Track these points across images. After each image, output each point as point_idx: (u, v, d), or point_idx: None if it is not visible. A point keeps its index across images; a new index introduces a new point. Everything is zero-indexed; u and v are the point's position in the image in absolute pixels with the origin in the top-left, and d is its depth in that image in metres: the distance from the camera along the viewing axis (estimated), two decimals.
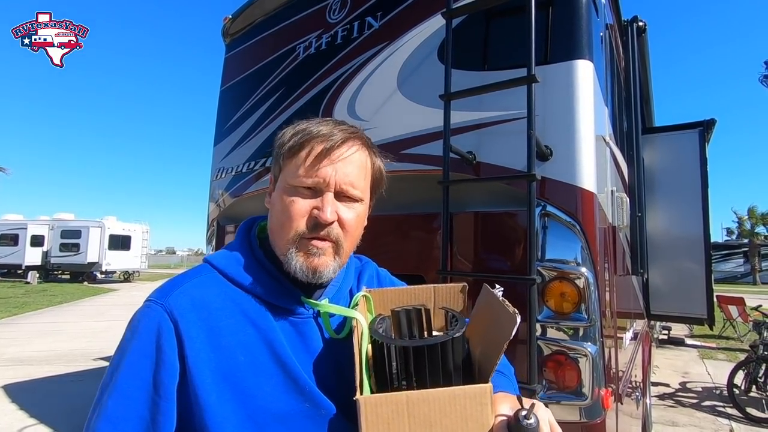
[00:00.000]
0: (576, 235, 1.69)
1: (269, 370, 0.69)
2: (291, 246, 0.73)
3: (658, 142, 4.25)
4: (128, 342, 0.67)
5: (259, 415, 0.66)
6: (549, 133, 1.75)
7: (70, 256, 20.91)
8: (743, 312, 9.07)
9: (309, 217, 0.72)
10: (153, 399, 0.63)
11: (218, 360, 0.66)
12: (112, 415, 0.63)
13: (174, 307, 0.67)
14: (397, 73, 2.24)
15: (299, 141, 0.74)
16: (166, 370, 0.64)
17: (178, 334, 0.65)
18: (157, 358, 0.64)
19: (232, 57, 3.47)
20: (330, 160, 0.73)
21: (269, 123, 2.86)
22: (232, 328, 0.69)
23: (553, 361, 1.67)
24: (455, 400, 0.63)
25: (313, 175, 0.72)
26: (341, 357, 0.75)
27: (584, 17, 1.84)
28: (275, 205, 0.77)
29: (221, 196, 3.26)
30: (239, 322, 0.70)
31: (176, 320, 0.66)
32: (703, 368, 7.09)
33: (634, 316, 3.10)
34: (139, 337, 0.66)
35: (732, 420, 4.78)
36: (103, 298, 15.44)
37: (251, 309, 0.72)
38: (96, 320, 10.49)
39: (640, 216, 3.20)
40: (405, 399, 0.61)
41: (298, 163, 0.74)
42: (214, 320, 0.68)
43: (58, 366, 6.20)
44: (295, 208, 0.73)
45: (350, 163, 0.75)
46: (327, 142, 0.73)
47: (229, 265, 0.75)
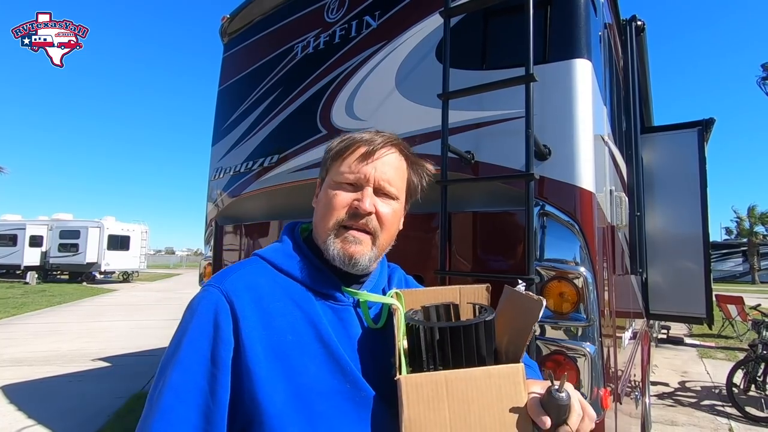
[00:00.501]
0: (575, 234, 1.69)
1: (314, 350, 0.75)
2: (331, 233, 0.81)
3: (657, 142, 4.25)
4: (188, 321, 0.73)
5: (305, 392, 0.72)
6: (547, 133, 1.75)
7: (69, 257, 20.88)
8: (742, 311, 9.08)
9: (349, 207, 0.81)
10: (211, 372, 0.69)
11: (269, 338, 0.72)
12: (175, 386, 0.69)
13: (230, 289, 0.74)
14: (396, 72, 2.23)
15: (345, 145, 0.85)
16: (223, 345, 0.70)
17: (234, 313, 0.72)
18: (214, 335, 0.71)
19: (230, 56, 3.46)
20: (371, 159, 0.82)
21: (268, 122, 2.86)
22: (281, 310, 0.76)
23: (551, 361, 1.66)
24: (491, 380, 0.66)
25: (355, 171, 0.82)
26: (376, 345, 0.81)
27: (583, 16, 1.83)
28: (320, 201, 0.87)
29: (219, 196, 3.26)
30: (287, 305, 0.77)
31: (232, 301, 0.73)
32: (702, 367, 7.09)
33: (633, 315, 3.10)
34: (199, 316, 0.72)
35: (731, 419, 4.78)
36: (102, 299, 15.42)
37: (297, 294, 0.79)
38: (95, 320, 10.47)
39: (639, 215, 3.20)
40: (444, 378, 0.65)
41: (343, 163, 0.84)
42: (265, 303, 0.75)
43: (56, 366, 6.19)
44: (337, 199, 0.82)
45: (388, 164, 0.85)
46: (369, 146, 0.83)
47: (276, 257, 0.83)
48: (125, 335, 8.62)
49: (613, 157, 2.38)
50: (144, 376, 5.79)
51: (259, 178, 2.83)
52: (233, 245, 3.19)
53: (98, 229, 21.09)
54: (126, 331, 9.16)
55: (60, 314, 11.40)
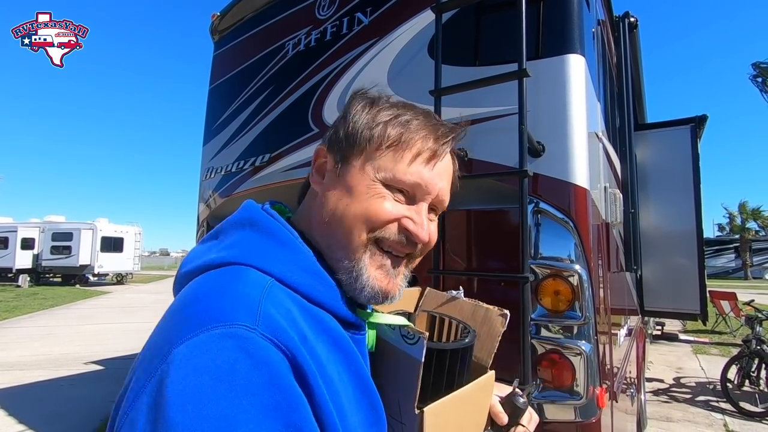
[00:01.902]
0: (569, 232, 1.67)
1: (359, 402, 0.57)
2: (362, 251, 0.60)
3: (650, 139, 4.25)
4: (232, 395, 0.42)
5: None
6: (541, 129, 1.73)
7: (61, 259, 20.68)
8: (735, 307, 9.15)
9: (400, 225, 0.61)
10: None
11: (329, 394, 0.51)
12: None
13: (277, 333, 0.48)
14: (387, 69, 2.21)
15: (407, 135, 0.62)
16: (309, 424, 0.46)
17: (298, 370, 0.48)
18: (291, 410, 0.45)
19: (220, 55, 3.41)
20: (436, 164, 0.63)
21: (259, 121, 2.82)
22: (326, 354, 0.54)
23: (547, 360, 1.65)
24: (479, 392, 0.73)
25: (417, 177, 0.61)
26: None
27: (576, 11, 1.81)
28: (342, 192, 0.61)
29: (211, 197, 3.21)
30: (328, 345, 0.55)
31: (289, 351, 0.48)
32: (697, 363, 7.13)
33: (628, 312, 3.09)
34: (253, 385, 0.43)
35: (725, 414, 4.81)
36: (96, 301, 15.28)
37: (332, 328, 0.58)
38: (88, 323, 10.37)
39: (633, 212, 3.19)
40: (456, 400, 0.68)
41: (401, 158, 0.61)
42: (310, 345, 0.52)
43: (48, 370, 6.11)
44: (386, 208, 0.60)
45: (447, 172, 0.67)
46: (438, 143, 0.63)
47: (296, 276, 0.57)
48: (118, 338, 8.54)
49: (607, 154, 2.37)
50: None
51: (251, 178, 2.79)
52: None
53: (91, 230, 20.91)
54: (119, 333, 9.07)
55: (52, 317, 11.28)
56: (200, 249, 0.63)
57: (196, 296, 0.52)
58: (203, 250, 0.61)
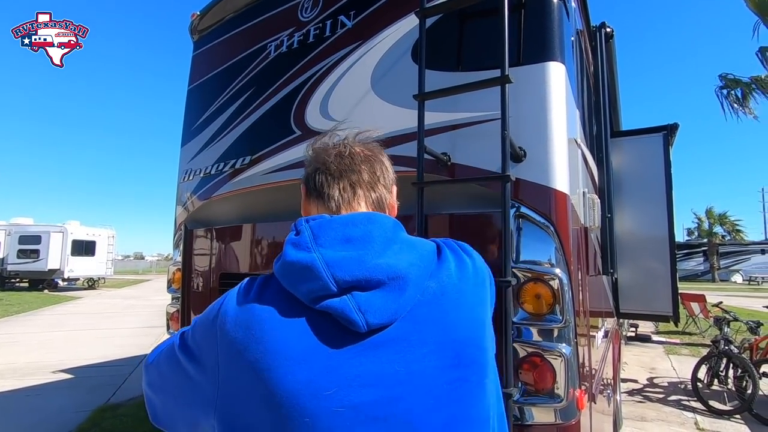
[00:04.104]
0: (550, 236, 1.69)
1: None
2: None
3: (624, 146, 4.37)
4: None
5: None
6: (522, 135, 1.75)
7: (28, 263, 19.86)
8: (704, 309, 9.48)
9: None
10: None
11: None
12: None
13: None
14: (371, 73, 2.20)
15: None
16: None
17: None
18: None
19: (200, 55, 3.35)
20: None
21: (239, 123, 2.77)
22: None
23: (528, 363, 1.66)
24: None
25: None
26: None
27: (556, 20, 1.85)
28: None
29: (189, 199, 3.14)
30: None
31: None
32: (669, 363, 7.35)
33: (605, 315, 3.16)
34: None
35: (696, 413, 4.96)
36: (65, 307, 14.71)
37: None
38: (56, 330, 9.96)
39: (610, 217, 3.27)
40: None
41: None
42: None
43: (11, 380, 5.83)
44: None
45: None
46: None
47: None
48: (89, 345, 8.23)
49: (586, 160, 2.42)
50: (109, 387, 5.52)
51: (231, 180, 2.74)
52: (204, 250, 3.08)
53: (61, 234, 20.17)
54: (90, 340, 8.74)
55: (18, 324, 10.79)
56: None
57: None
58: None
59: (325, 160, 0.78)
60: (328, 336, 0.63)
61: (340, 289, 0.63)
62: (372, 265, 0.65)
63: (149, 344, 8.27)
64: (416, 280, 0.67)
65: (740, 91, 8.49)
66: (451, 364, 0.66)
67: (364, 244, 0.67)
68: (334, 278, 0.63)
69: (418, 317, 0.66)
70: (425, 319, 0.66)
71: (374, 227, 0.69)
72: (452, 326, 0.68)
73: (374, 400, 0.61)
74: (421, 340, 0.65)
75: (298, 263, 0.66)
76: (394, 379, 0.62)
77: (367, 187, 0.79)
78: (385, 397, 0.61)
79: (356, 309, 0.62)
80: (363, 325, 0.62)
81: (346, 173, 0.77)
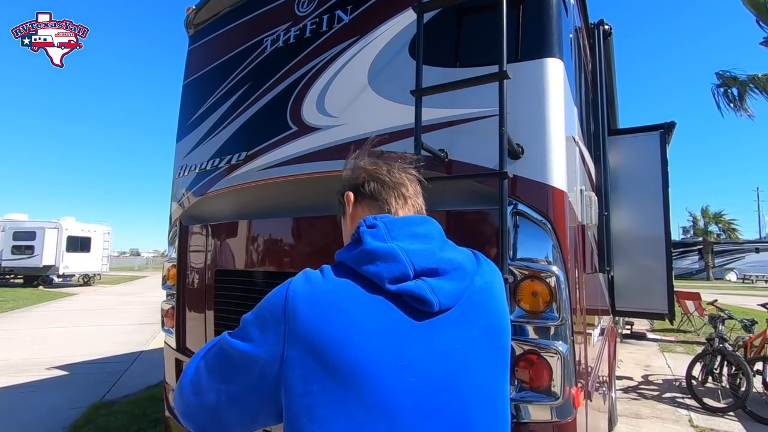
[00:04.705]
0: (547, 233, 1.68)
1: None
2: None
3: (620, 144, 4.37)
4: None
5: None
6: (520, 131, 1.74)
7: (23, 259, 19.73)
8: (699, 306, 9.53)
9: None
10: None
11: None
12: None
13: None
14: (368, 68, 2.18)
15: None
16: None
17: None
18: None
19: (195, 49, 3.31)
20: None
21: (235, 118, 2.75)
22: None
23: (524, 361, 1.66)
24: None
25: None
26: None
27: (555, 16, 1.84)
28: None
29: (184, 195, 3.11)
30: None
31: None
32: (664, 361, 7.39)
33: (601, 312, 3.17)
34: None
35: (690, 410, 4.99)
36: (60, 303, 14.64)
37: None
38: (52, 326, 9.92)
39: (607, 215, 3.27)
40: None
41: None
42: None
43: (6, 377, 5.80)
44: None
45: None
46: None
47: None
48: (84, 342, 8.20)
49: (583, 158, 2.41)
50: (104, 384, 5.50)
51: (227, 176, 2.72)
52: (199, 246, 3.05)
53: (56, 230, 20.04)
54: (85, 337, 8.71)
55: (12, 321, 10.73)
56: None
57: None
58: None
59: (378, 173, 0.92)
60: (401, 315, 0.73)
61: (415, 274, 0.75)
62: (439, 257, 0.78)
63: (144, 341, 8.24)
64: (470, 273, 0.82)
65: (737, 89, 8.51)
66: (492, 347, 0.81)
67: (428, 240, 0.81)
68: (412, 264, 0.75)
69: (470, 305, 0.80)
70: (475, 307, 0.81)
71: (432, 227, 0.85)
72: (493, 315, 0.84)
73: (439, 372, 0.73)
74: (472, 324, 0.79)
75: (381, 250, 0.76)
76: (454, 355, 0.75)
77: (413, 198, 0.94)
78: (447, 370, 0.73)
79: (431, 291, 0.74)
80: (437, 305, 0.74)
81: (397, 186, 0.91)
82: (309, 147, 2.29)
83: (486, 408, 0.77)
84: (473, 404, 0.74)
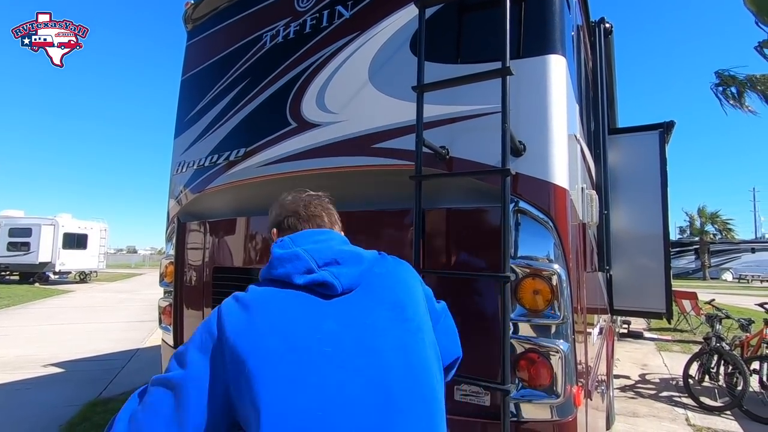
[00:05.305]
0: (549, 231, 1.68)
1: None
2: None
3: (620, 143, 4.36)
4: None
5: None
6: (522, 129, 1.73)
7: (19, 256, 19.62)
8: (696, 306, 9.56)
9: None
10: None
11: None
12: None
13: None
14: (369, 64, 2.16)
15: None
16: None
17: None
18: None
19: (194, 44, 3.28)
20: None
21: (234, 114, 2.72)
22: None
23: (525, 360, 1.65)
24: None
25: None
26: None
27: (557, 13, 1.83)
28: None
29: (182, 192, 3.09)
30: None
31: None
32: (661, 360, 7.41)
33: (600, 311, 3.16)
34: None
35: (687, 409, 5.00)
36: (56, 300, 14.56)
37: None
38: (48, 324, 9.86)
39: (606, 213, 3.27)
40: None
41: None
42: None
43: (2, 374, 5.75)
44: None
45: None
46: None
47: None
48: (80, 339, 8.15)
49: (584, 156, 2.40)
50: (100, 381, 5.47)
51: (225, 172, 2.69)
52: (197, 243, 3.03)
53: (52, 226, 19.92)
54: (81, 334, 8.66)
55: (8, 317, 10.67)
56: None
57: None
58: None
59: (296, 209, 1.09)
60: (313, 299, 0.90)
61: (318, 266, 0.92)
62: (337, 250, 0.97)
63: (141, 338, 8.21)
64: (368, 260, 0.99)
65: (735, 88, 8.53)
66: (401, 318, 0.93)
67: (328, 242, 1.00)
68: (314, 259, 0.92)
69: (372, 287, 0.95)
70: (377, 288, 0.96)
71: (333, 235, 1.05)
72: (397, 292, 0.98)
73: (353, 341, 0.86)
74: (378, 300, 0.94)
75: (286, 254, 0.94)
76: (364, 326, 0.89)
77: (329, 227, 1.09)
78: (360, 339, 0.87)
79: (332, 276, 0.91)
80: (339, 287, 0.90)
81: (313, 218, 1.07)
82: (309, 143, 2.27)
83: (402, 368, 0.87)
84: (389, 365, 0.85)
